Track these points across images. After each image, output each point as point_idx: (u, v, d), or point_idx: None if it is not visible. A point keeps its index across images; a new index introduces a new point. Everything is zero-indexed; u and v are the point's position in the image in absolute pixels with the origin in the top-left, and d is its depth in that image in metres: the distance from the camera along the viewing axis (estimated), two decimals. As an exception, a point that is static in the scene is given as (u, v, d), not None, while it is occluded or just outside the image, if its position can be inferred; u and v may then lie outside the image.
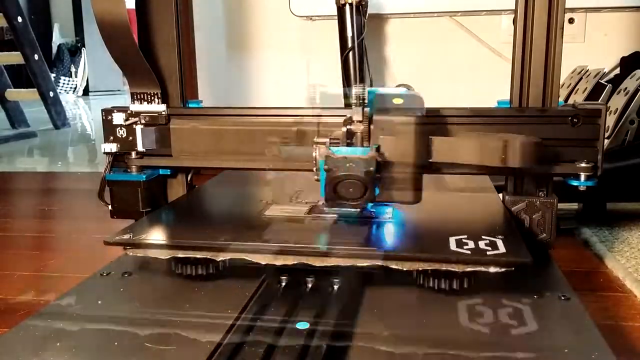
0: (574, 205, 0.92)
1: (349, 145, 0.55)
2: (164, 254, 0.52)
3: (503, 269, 0.47)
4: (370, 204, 0.57)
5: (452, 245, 0.50)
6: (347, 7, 1.16)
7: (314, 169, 0.54)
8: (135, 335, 0.44)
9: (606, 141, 0.89)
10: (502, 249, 0.49)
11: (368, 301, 0.49)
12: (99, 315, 0.48)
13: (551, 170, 0.59)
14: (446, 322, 0.46)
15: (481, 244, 0.50)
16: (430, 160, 0.55)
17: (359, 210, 0.59)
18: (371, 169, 0.52)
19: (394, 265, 0.48)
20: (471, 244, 0.50)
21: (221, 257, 0.51)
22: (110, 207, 0.68)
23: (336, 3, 1.18)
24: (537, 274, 0.54)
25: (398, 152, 0.54)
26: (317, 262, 0.49)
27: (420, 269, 0.48)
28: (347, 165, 0.52)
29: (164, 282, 0.54)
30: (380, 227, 0.57)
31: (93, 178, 1.38)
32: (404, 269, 0.48)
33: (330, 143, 0.55)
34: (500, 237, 0.52)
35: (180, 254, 0.52)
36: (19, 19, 2.18)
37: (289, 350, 0.39)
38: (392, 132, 0.54)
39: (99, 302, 0.50)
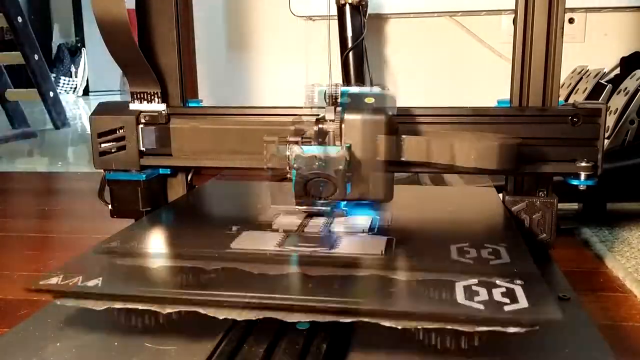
0: (574, 205, 0.92)
1: (321, 144, 0.56)
2: (99, 305, 0.43)
3: (526, 330, 0.37)
4: (342, 203, 0.57)
5: (459, 296, 0.40)
6: (347, 7, 1.16)
7: (287, 167, 0.54)
8: (136, 335, 0.44)
9: (606, 141, 0.89)
10: (523, 301, 0.39)
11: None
12: (99, 315, 0.48)
13: (551, 169, 0.59)
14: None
15: (496, 294, 0.40)
16: (402, 159, 0.55)
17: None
18: (340, 167, 0.52)
19: (386, 323, 0.39)
20: (483, 294, 0.40)
21: (168, 309, 0.42)
22: (110, 206, 0.69)
23: (336, 3, 1.18)
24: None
25: (369, 151, 0.54)
26: (288, 318, 0.40)
27: (419, 327, 0.39)
28: (317, 163, 0.52)
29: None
30: (370, 267, 0.48)
31: (93, 178, 1.38)
32: (399, 328, 0.39)
33: (303, 142, 0.55)
34: (519, 282, 0.42)
35: (118, 305, 0.43)
36: (19, 19, 2.18)
37: (289, 350, 0.39)
38: (363, 131, 0.54)
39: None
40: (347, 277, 0.46)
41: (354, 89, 0.57)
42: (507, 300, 0.39)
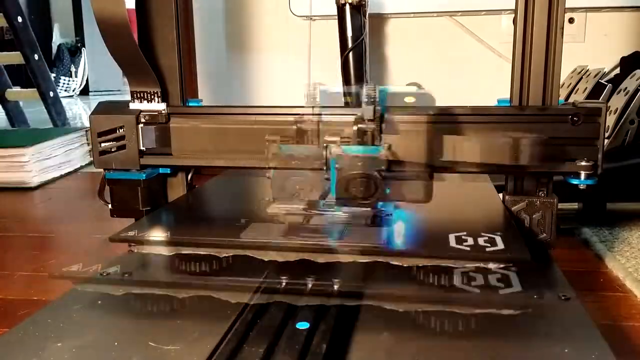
0: (574, 205, 0.92)
1: (360, 144, 0.56)
2: (168, 251, 0.53)
3: (502, 265, 0.47)
4: (380, 203, 0.58)
5: (452, 242, 0.50)
6: (347, 7, 1.16)
7: (324, 167, 0.55)
8: (136, 335, 0.44)
9: (606, 141, 0.89)
10: (500, 245, 0.50)
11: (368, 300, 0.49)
12: (99, 315, 0.48)
13: (551, 169, 0.59)
14: (446, 321, 0.46)
15: (480, 241, 0.50)
16: (443, 159, 0.55)
17: (364, 208, 0.58)
18: (382, 167, 0.53)
19: (394, 262, 0.48)
20: (470, 241, 0.50)
21: (224, 253, 0.51)
22: (110, 206, 0.69)
23: (336, 3, 1.18)
24: (537, 274, 0.54)
25: (409, 151, 0.55)
26: (319, 259, 0.49)
27: (420, 265, 0.48)
28: (359, 163, 0.53)
29: (164, 282, 0.54)
30: (380, 224, 0.57)
31: (93, 178, 1.38)
32: (404, 265, 0.48)
33: (341, 142, 0.55)
34: (498, 234, 0.52)
35: (184, 251, 0.52)
36: (19, 19, 2.18)
37: (289, 350, 0.39)
38: (404, 131, 0.54)
39: (99, 302, 0.50)
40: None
41: (393, 88, 0.57)
42: (488, 245, 0.47)
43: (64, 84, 3.99)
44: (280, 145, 0.56)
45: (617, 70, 1.15)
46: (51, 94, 2.33)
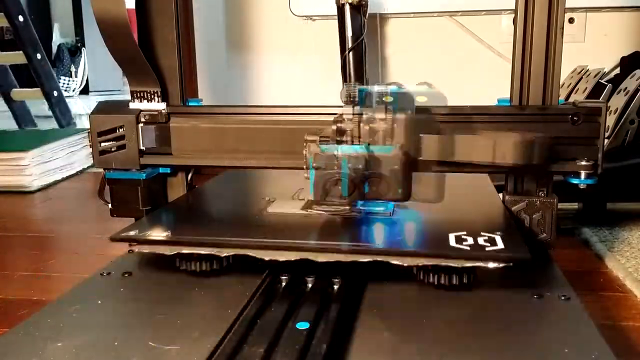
0: (574, 205, 0.92)
1: (339, 143, 0.55)
2: (169, 250, 0.52)
3: (502, 265, 0.47)
4: (360, 202, 0.58)
5: (452, 242, 0.50)
6: (347, 7, 1.16)
7: (304, 166, 0.54)
8: (136, 335, 0.44)
9: (606, 141, 0.89)
10: (500, 245, 0.50)
11: (368, 300, 0.49)
12: (99, 315, 0.48)
13: (551, 168, 0.59)
14: (446, 321, 0.46)
15: (480, 241, 0.51)
16: (421, 159, 0.55)
17: (349, 208, 0.59)
18: (360, 166, 0.52)
19: (395, 261, 0.48)
20: (470, 241, 0.51)
21: (225, 253, 0.52)
22: (110, 205, 0.69)
23: (336, 3, 1.18)
24: (537, 274, 0.54)
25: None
26: (319, 258, 0.49)
27: (420, 264, 0.48)
28: (336, 163, 0.53)
29: (164, 282, 0.54)
30: (380, 223, 0.57)
31: (97, 179, 1.38)
32: (405, 265, 0.48)
33: (321, 141, 0.55)
34: (499, 233, 0.52)
35: (185, 250, 0.52)
36: (20, 18, 2.18)
37: (289, 351, 0.39)
38: (382, 130, 0.55)
39: (99, 302, 0.50)
40: (364, 229, 0.56)
41: (371, 88, 0.57)
42: (488, 245, 0.50)
43: (64, 83, 3.99)
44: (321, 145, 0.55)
45: (617, 70, 1.15)
46: (55, 93, 2.32)
